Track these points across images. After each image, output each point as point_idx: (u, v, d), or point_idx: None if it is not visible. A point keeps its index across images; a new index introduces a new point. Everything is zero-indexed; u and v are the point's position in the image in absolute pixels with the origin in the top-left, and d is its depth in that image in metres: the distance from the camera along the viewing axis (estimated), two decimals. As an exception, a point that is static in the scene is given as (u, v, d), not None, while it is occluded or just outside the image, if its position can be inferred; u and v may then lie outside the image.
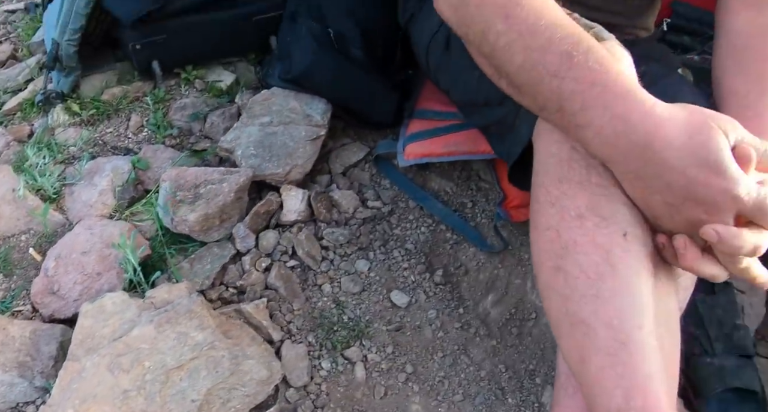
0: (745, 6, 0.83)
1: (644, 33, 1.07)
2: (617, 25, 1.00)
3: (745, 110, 0.79)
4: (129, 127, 1.41)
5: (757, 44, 0.81)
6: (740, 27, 0.83)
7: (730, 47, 0.85)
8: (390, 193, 1.25)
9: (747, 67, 0.81)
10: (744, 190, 0.55)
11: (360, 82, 1.23)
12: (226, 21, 1.41)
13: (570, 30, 0.63)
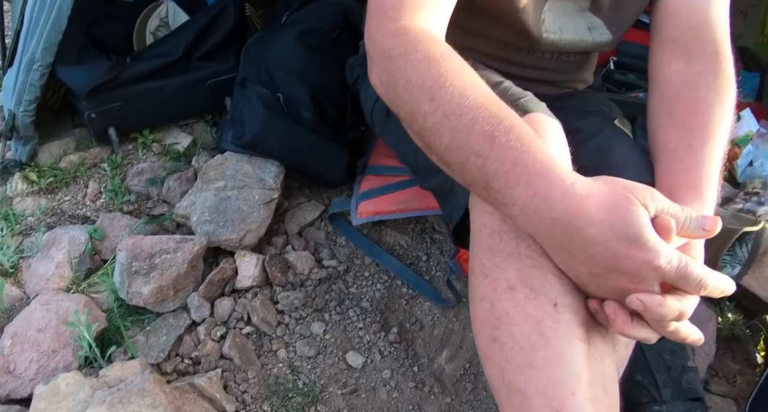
0: (674, 57, 0.86)
1: (582, 85, 1.10)
2: (555, 80, 1.05)
3: (675, 164, 0.82)
4: (87, 194, 1.42)
5: (685, 96, 0.84)
6: (670, 78, 0.87)
7: (661, 99, 0.88)
8: (346, 250, 1.27)
9: (676, 120, 0.84)
10: (665, 260, 0.58)
11: (310, 144, 1.26)
12: (181, 86, 1.44)
13: (493, 109, 0.65)
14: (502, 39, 0.94)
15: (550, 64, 0.99)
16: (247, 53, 1.36)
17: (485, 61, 0.98)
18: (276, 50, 1.31)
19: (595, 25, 0.92)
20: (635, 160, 0.87)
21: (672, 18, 0.86)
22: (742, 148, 1.64)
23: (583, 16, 0.91)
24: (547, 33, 0.90)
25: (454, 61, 0.69)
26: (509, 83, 0.86)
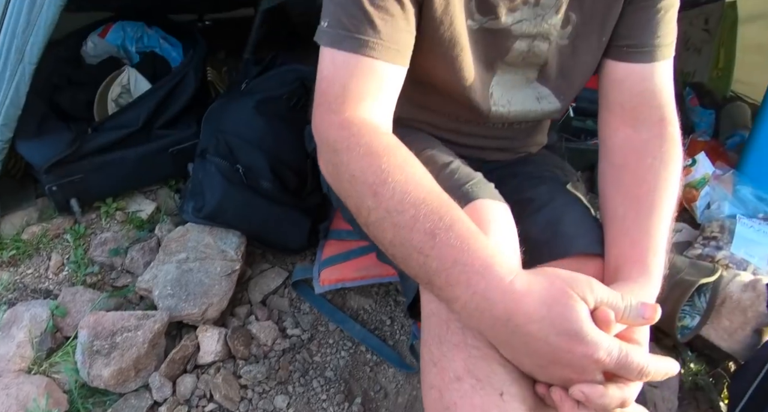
0: (622, 123, 0.89)
1: (536, 148, 1.12)
2: (507, 148, 1.07)
3: (622, 236, 0.84)
4: (49, 267, 1.41)
5: (632, 163, 0.87)
6: (618, 144, 0.89)
7: (610, 165, 0.90)
8: (310, 317, 1.27)
9: (624, 188, 0.86)
10: (604, 353, 0.59)
11: (270, 214, 1.27)
12: (143, 156, 1.45)
13: (434, 205, 0.66)
14: (452, 112, 0.96)
15: (501, 133, 1.01)
16: (206, 123, 1.38)
17: (437, 132, 1.01)
18: (234, 120, 1.33)
19: (543, 95, 0.95)
20: (585, 231, 0.89)
21: (618, 85, 0.89)
22: (699, 191, 1.68)
23: (531, 87, 0.94)
24: (495, 106, 0.92)
25: (396, 155, 0.71)
26: (457, 164, 0.88)
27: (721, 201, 1.64)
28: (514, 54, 0.87)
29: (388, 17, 0.73)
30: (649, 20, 0.85)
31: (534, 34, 0.85)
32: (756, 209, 1.63)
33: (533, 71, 0.92)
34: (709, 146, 1.92)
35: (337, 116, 0.73)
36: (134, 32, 1.84)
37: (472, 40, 0.83)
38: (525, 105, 0.94)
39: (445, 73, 0.86)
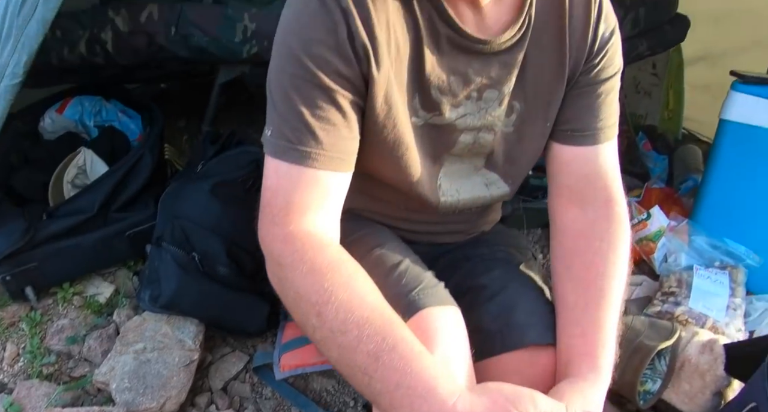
0: (570, 203, 0.91)
1: (489, 225, 1.14)
2: (459, 231, 1.08)
3: (573, 327, 0.85)
4: (4, 358, 1.38)
5: (581, 246, 0.89)
6: (568, 225, 0.92)
7: (560, 246, 0.92)
8: (272, 403, 1.26)
9: (575, 273, 0.88)
10: None
11: (227, 300, 1.26)
12: (99, 241, 1.44)
13: (378, 324, 0.67)
14: (401, 203, 0.97)
15: (452, 219, 1.02)
16: (162, 208, 1.37)
17: (388, 221, 1.02)
18: (190, 206, 1.33)
19: (491, 181, 0.96)
20: (538, 319, 0.90)
21: (564, 167, 0.91)
22: (656, 243, 1.71)
23: (479, 174, 0.95)
24: (444, 197, 0.93)
25: (340, 272, 0.72)
26: (406, 264, 0.88)
27: (678, 253, 1.68)
28: (460, 146, 0.88)
29: (329, 127, 0.74)
30: (591, 105, 0.88)
31: (479, 126, 0.87)
32: (712, 257, 1.67)
33: (480, 160, 0.93)
34: (663, 194, 1.97)
35: (281, 229, 0.74)
36: (92, 106, 1.84)
37: (417, 136, 0.85)
38: (474, 192, 0.95)
39: (391, 171, 0.87)
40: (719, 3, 2.44)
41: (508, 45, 0.80)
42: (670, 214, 1.78)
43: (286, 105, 0.73)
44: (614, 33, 0.87)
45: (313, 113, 0.73)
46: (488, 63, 0.81)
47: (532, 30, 0.81)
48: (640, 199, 1.93)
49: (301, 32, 0.72)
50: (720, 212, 1.69)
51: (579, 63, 0.86)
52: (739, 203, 1.66)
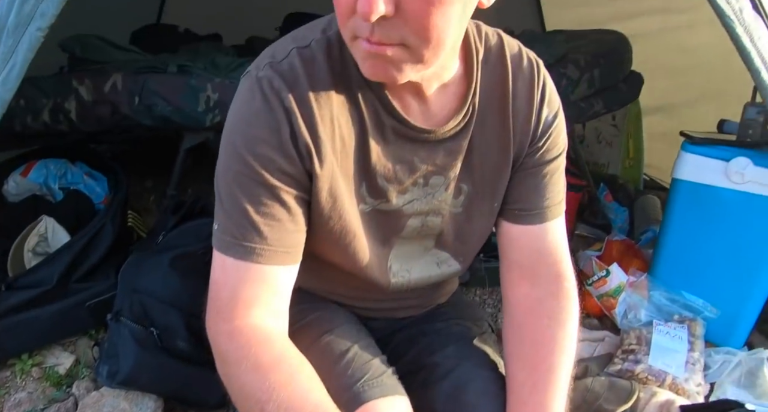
0: (521, 279, 0.93)
1: (445, 297, 1.14)
2: (414, 306, 1.08)
3: (522, 406, 0.86)
4: (-41, 435, 1.35)
5: (530, 323, 0.91)
6: (519, 301, 0.93)
7: (511, 321, 0.94)
8: (233, 478, 1.24)
9: (524, 351, 0.90)
10: None
11: (187, 374, 1.26)
12: (58, 312, 1.43)
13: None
14: (353, 285, 0.98)
15: (407, 295, 1.02)
16: (122, 281, 1.38)
17: (343, 300, 1.02)
18: (149, 280, 1.34)
19: (442, 259, 0.97)
20: (489, 400, 0.90)
21: (514, 244, 0.92)
22: (617, 299, 1.75)
23: (429, 254, 0.96)
24: (395, 278, 0.94)
25: (283, 369, 0.72)
26: (354, 351, 0.88)
27: (637, 308, 1.71)
28: (409, 230, 0.90)
29: (274, 223, 0.75)
30: (537, 185, 0.90)
31: (426, 211, 0.88)
32: (671, 311, 1.71)
33: (430, 240, 0.94)
34: (624, 246, 2.01)
35: (227, 324, 0.75)
36: (57, 169, 1.85)
37: (365, 222, 0.86)
38: (425, 271, 0.96)
39: (340, 257, 0.88)
40: (673, 57, 2.55)
41: (452, 133, 0.83)
42: (630, 268, 1.82)
43: (231, 201, 0.75)
44: (557, 116, 0.90)
45: (258, 210, 0.74)
46: (433, 151, 0.83)
47: (477, 115, 0.84)
48: (601, 253, 1.97)
49: (245, 131, 0.74)
50: (677, 265, 1.74)
51: (524, 146, 0.88)
52: (695, 257, 1.70)
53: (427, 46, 0.65)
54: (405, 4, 0.61)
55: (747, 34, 1.34)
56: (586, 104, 1.99)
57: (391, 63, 0.67)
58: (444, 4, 0.62)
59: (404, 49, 0.65)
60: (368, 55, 0.67)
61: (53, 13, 1.13)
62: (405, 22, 0.63)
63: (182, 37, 2.41)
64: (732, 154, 1.59)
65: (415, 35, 0.64)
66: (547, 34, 2.33)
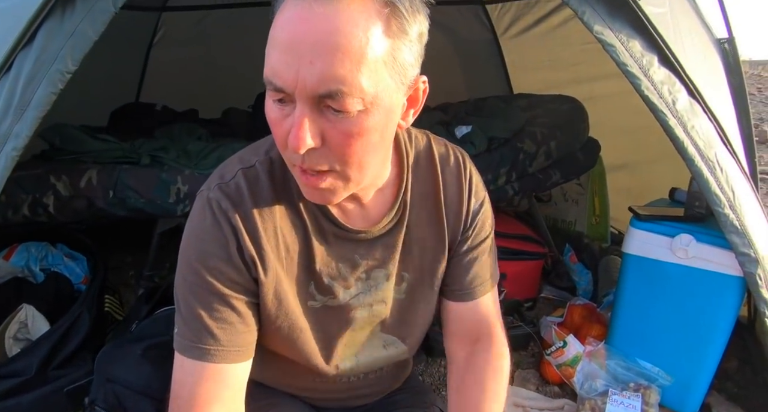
0: (461, 345, 1.04)
1: (399, 382, 1.22)
2: (368, 394, 1.15)
3: None
4: None
5: (470, 379, 1.02)
6: (460, 363, 1.04)
7: (454, 382, 1.04)
8: None
9: (464, 401, 1.00)
10: None
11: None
12: (37, 399, 1.49)
13: None
14: (304, 375, 1.05)
15: (358, 384, 1.10)
16: (97, 370, 1.44)
17: (297, 392, 1.10)
18: (122, 369, 1.41)
19: (389, 342, 1.05)
20: None
21: (453, 317, 1.05)
22: (575, 368, 1.82)
23: (375, 337, 1.04)
24: (343, 363, 1.01)
25: None
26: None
27: (594, 378, 1.78)
28: (358, 321, 0.98)
29: (226, 326, 0.84)
30: (469, 268, 1.01)
31: (371, 301, 0.97)
32: (626, 380, 1.78)
33: (377, 326, 1.03)
34: (586, 311, 2.10)
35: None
36: (38, 252, 1.92)
37: (316, 317, 0.94)
38: (372, 354, 1.04)
39: (290, 351, 0.97)
40: (631, 118, 2.64)
41: (386, 229, 0.93)
42: (588, 337, 1.89)
43: (187, 308, 0.85)
44: (483, 203, 1.01)
45: (211, 315, 0.84)
46: (372, 247, 0.93)
47: (410, 209, 0.94)
48: (562, 319, 2.06)
49: (197, 246, 0.84)
50: (632, 334, 1.82)
51: (456, 234, 0.99)
52: (648, 327, 1.78)
53: (352, 169, 0.75)
54: (329, 138, 0.71)
55: (680, 124, 1.41)
56: (544, 175, 2.09)
57: (326, 190, 0.78)
58: (362, 135, 0.72)
59: (334, 174, 0.76)
60: (305, 184, 0.79)
61: (27, 134, 1.22)
62: (330, 151, 0.73)
63: (160, 114, 2.53)
64: (676, 230, 1.68)
65: (340, 162, 0.74)
66: (508, 104, 2.45)
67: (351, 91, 0.67)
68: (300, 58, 0.66)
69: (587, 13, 1.40)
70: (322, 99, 0.68)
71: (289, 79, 0.67)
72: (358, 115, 0.70)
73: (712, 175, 1.44)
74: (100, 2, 1.21)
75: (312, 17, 0.66)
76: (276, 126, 0.74)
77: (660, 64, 1.43)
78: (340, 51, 0.66)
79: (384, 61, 0.69)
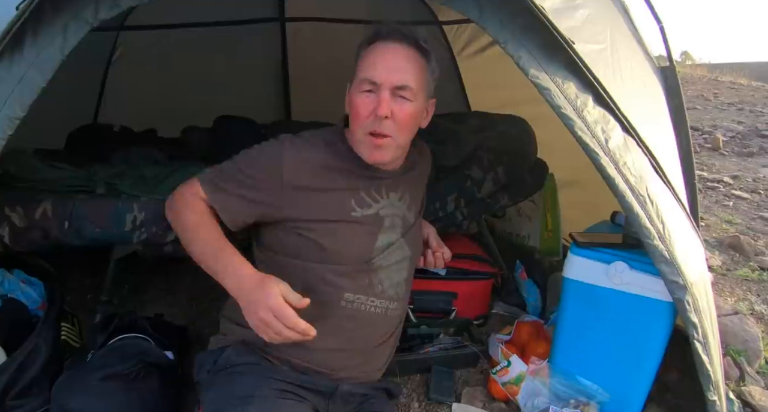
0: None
1: (378, 373, 1.46)
2: (347, 377, 1.37)
3: None
4: None
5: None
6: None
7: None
8: None
9: None
10: (273, 302, 1.19)
11: None
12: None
13: (212, 244, 1.32)
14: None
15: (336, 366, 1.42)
16: (54, 401, 1.49)
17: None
18: (78, 400, 1.45)
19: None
20: None
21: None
22: (519, 385, 1.91)
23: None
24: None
25: (197, 226, 1.37)
26: None
27: (537, 395, 1.88)
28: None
29: (239, 194, 1.40)
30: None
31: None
32: (567, 397, 1.88)
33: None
34: (533, 328, 2.19)
35: (178, 194, 1.41)
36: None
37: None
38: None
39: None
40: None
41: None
42: (532, 356, 1.98)
43: (230, 165, 1.42)
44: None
45: (239, 181, 1.38)
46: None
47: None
48: (510, 337, 2.15)
49: (260, 148, 1.43)
50: (572, 353, 1.91)
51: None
52: (587, 346, 1.88)
53: (403, 136, 1.40)
54: (395, 113, 1.34)
55: (612, 162, 1.48)
56: (492, 200, 2.17)
57: (385, 149, 1.37)
58: (414, 118, 1.39)
59: (391, 139, 1.36)
60: (373, 146, 1.36)
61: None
62: (394, 122, 1.34)
63: (118, 135, 2.54)
64: (612, 257, 1.78)
65: (398, 131, 1.36)
66: (462, 124, 2.52)
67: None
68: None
69: (523, 58, 1.46)
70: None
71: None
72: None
73: (643, 209, 1.50)
74: (47, 49, 1.23)
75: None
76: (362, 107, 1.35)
77: (595, 103, 1.50)
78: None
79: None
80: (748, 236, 3.61)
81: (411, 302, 2.18)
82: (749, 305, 2.77)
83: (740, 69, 12.31)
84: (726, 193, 4.68)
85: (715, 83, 11.22)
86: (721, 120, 7.86)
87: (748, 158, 6.05)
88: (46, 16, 1.22)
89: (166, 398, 1.58)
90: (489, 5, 1.39)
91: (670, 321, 1.74)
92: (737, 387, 2.17)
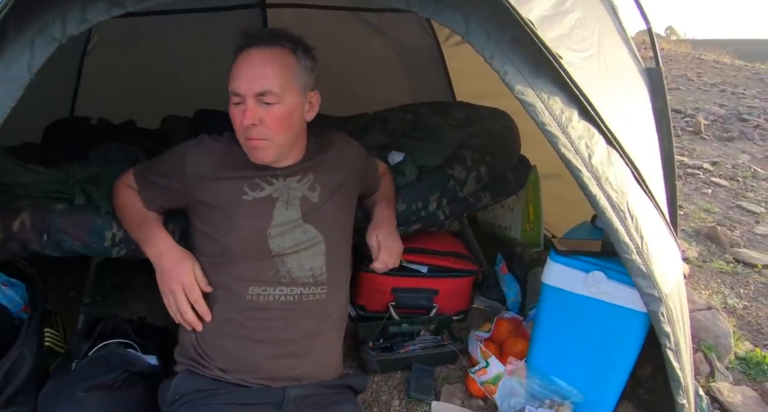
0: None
1: (329, 371, 1.53)
2: (291, 378, 1.43)
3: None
4: None
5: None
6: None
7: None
8: None
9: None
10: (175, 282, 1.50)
11: None
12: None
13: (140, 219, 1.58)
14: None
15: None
16: (40, 411, 1.50)
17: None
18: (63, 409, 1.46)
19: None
20: None
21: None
22: (497, 385, 1.97)
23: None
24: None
25: (132, 207, 1.64)
26: None
27: (514, 394, 1.94)
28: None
29: (158, 184, 1.65)
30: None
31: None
32: (542, 397, 1.94)
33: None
34: (512, 325, 2.24)
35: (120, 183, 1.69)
36: (-25, 283, 1.92)
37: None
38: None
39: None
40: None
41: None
42: (509, 356, 2.04)
43: (155, 161, 1.67)
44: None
45: (158, 172, 1.63)
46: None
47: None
48: (489, 334, 2.19)
49: (179, 147, 1.63)
50: (548, 354, 1.97)
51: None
52: (563, 349, 1.93)
53: (279, 137, 1.48)
54: (263, 118, 1.43)
55: (594, 178, 1.49)
56: (475, 199, 2.18)
57: (263, 151, 1.49)
58: (285, 118, 1.47)
59: (268, 142, 1.47)
60: (252, 148, 1.49)
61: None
62: (265, 126, 1.44)
63: (96, 128, 2.49)
64: (590, 266, 1.81)
65: (272, 133, 1.46)
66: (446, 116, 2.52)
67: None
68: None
69: (509, 73, 1.45)
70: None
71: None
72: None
73: (623, 224, 1.51)
74: (13, 66, 1.19)
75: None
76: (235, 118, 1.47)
77: (580, 117, 1.50)
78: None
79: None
80: (725, 226, 3.69)
81: (393, 299, 2.21)
82: (722, 298, 2.84)
83: (724, 46, 12.33)
84: (705, 180, 4.74)
85: (698, 62, 11.23)
86: (704, 102, 7.89)
87: (728, 143, 6.10)
88: (10, 33, 1.18)
89: (151, 403, 1.61)
90: (475, 17, 1.37)
91: (644, 330, 1.79)
92: (707, 383, 2.25)
